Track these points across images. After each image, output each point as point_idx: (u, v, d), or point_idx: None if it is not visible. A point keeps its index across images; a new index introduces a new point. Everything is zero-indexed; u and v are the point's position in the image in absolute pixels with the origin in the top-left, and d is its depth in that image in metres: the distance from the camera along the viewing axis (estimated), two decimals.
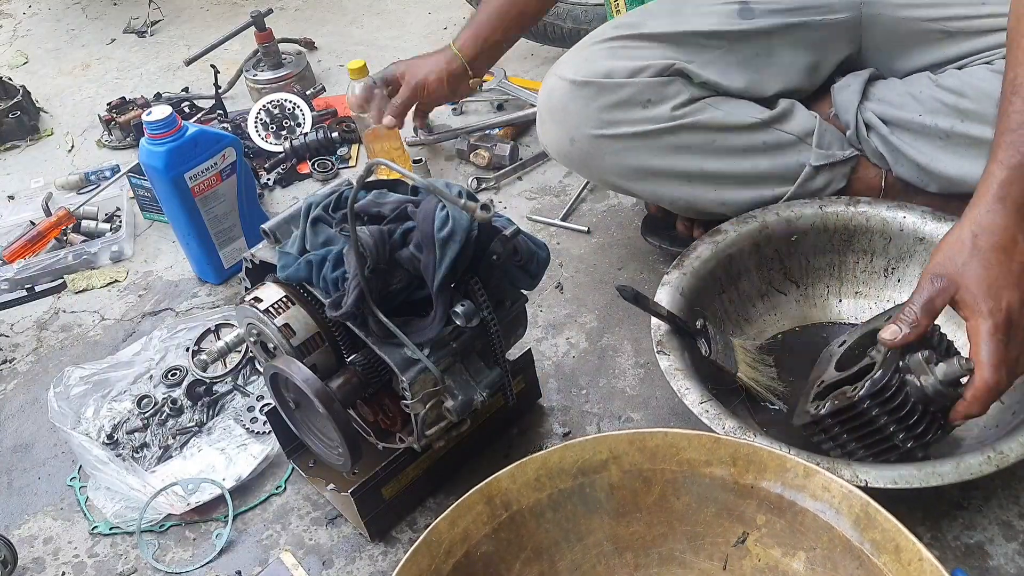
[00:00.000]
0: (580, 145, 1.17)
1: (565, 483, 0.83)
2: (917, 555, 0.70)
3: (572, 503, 0.83)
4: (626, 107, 1.14)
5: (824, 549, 0.78)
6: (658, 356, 0.98)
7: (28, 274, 1.48)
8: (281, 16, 2.27)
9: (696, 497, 0.83)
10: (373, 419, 0.94)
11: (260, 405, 1.16)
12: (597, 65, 1.15)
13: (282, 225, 0.93)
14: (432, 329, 0.85)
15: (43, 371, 1.33)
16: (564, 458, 0.82)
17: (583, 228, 1.41)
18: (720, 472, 0.82)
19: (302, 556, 1.00)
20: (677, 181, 1.17)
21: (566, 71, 1.16)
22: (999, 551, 0.90)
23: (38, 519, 1.10)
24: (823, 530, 0.78)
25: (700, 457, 0.82)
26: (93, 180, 1.71)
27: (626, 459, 0.83)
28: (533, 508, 0.82)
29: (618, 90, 1.14)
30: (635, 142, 1.15)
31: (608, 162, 1.17)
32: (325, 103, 1.85)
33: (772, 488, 0.80)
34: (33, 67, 2.29)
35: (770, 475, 0.80)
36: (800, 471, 0.79)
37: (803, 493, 0.79)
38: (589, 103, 1.14)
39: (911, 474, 0.83)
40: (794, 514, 0.79)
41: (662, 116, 1.14)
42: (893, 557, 0.72)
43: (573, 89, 1.15)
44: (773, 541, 0.81)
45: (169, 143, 1.26)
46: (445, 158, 1.65)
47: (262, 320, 0.88)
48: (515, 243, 0.87)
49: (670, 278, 1.07)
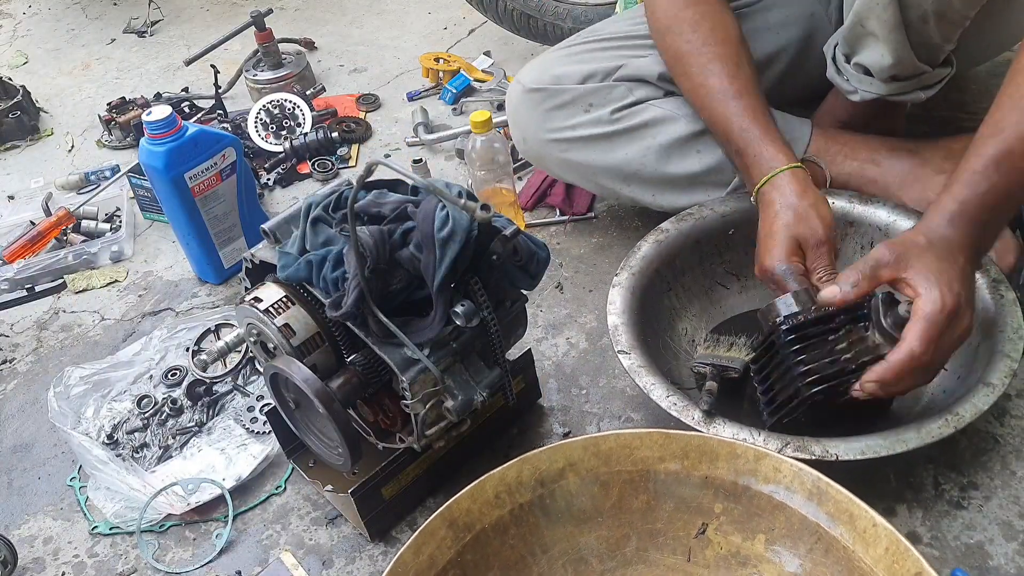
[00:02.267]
0: (531, 145, 1.27)
1: (525, 496, 0.83)
2: (871, 522, 0.73)
3: (534, 516, 0.84)
4: (569, 111, 1.22)
5: (782, 528, 0.80)
6: (620, 356, 0.99)
7: (28, 274, 1.48)
8: (281, 16, 2.27)
9: (653, 495, 0.85)
10: (373, 419, 0.94)
11: (260, 405, 1.16)
12: (551, 71, 1.24)
13: (282, 225, 0.93)
14: (432, 329, 0.85)
15: (43, 371, 1.33)
16: (522, 471, 0.83)
17: (590, 214, 1.42)
18: (674, 467, 0.84)
19: (302, 556, 1.00)
20: (619, 182, 1.23)
21: (524, 76, 1.26)
22: (999, 551, 0.90)
23: (38, 519, 1.10)
24: (778, 510, 0.80)
25: (653, 454, 0.84)
26: (93, 180, 1.71)
27: (582, 465, 0.84)
28: (496, 526, 0.82)
29: (561, 95, 1.21)
30: (577, 144, 1.22)
31: (555, 161, 1.26)
32: (325, 103, 1.85)
33: (725, 476, 0.82)
34: (33, 67, 2.29)
35: (721, 463, 0.82)
36: (750, 456, 0.81)
37: (755, 477, 0.81)
38: (536, 107, 1.23)
39: (878, 444, 0.86)
40: (749, 498, 0.81)
41: (601, 119, 1.20)
42: (849, 526, 0.75)
43: (524, 95, 1.24)
44: (732, 528, 0.83)
45: (169, 143, 1.26)
46: (445, 158, 1.65)
47: (262, 320, 0.88)
48: (515, 243, 0.87)
49: (620, 279, 1.08)
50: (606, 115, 1.20)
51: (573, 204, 1.44)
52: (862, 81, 1.14)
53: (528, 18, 1.76)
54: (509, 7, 1.75)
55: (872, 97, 1.14)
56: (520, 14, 1.76)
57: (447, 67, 1.84)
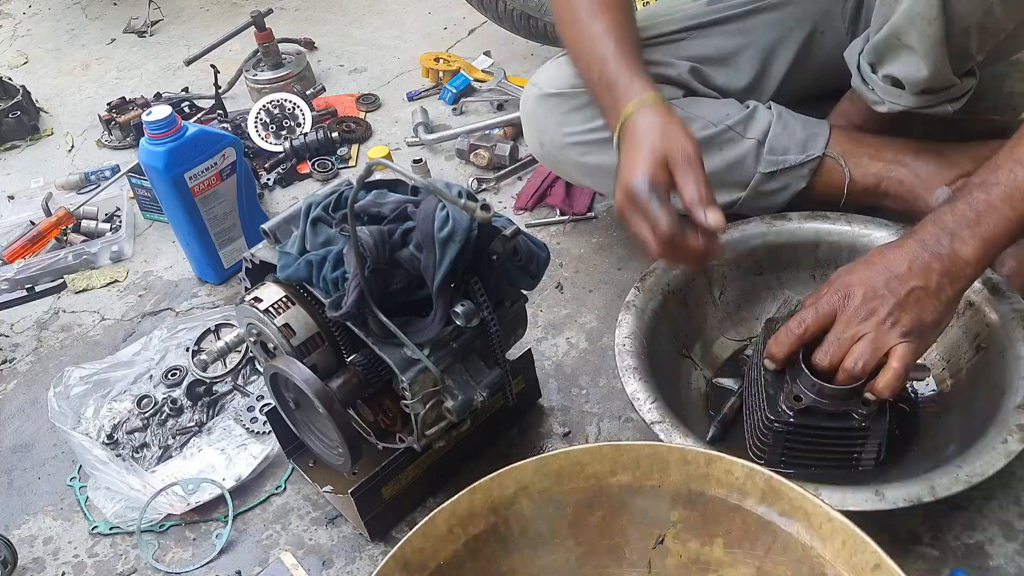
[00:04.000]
0: (548, 148, 1.26)
1: (478, 527, 0.79)
2: (826, 517, 0.72)
3: (489, 546, 0.80)
4: (587, 113, 1.20)
5: (739, 531, 0.79)
6: None
7: (28, 274, 1.48)
8: (281, 16, 2.27)
9: (608, 510, 0.82)
10: (373, 419, 0.94)
11: (260, 405, 1.16)
12: (566, 76, 1.22)
13: (282, 225, 0.93)
14: (432, 329, 0.85)
15: (43, 371, 1.33)
16: (473, 501, 0.79)
17: (590, 214, 1.42)
18: (626, 479, 0.81)
19: (302, 556, 1.00)
20: None
21: (540, 80, 1.25)
22: (999, 551, 0.90)
23: (38, 519, 1.10)
24: (734, 512, 0.78)
25: (604, 468, 0.81)
26: (93, 180, 1.71)
27: (534, 487, 0.81)
28: (451, 561, 0.78)
29: (579, 97, 1.20)
30: (595, 147, 1.21)
31: (574, 165, 1.25)
32: (325, 103, 1.85)
33: (679, 483, 0.80)
34: (33, 67, 2.29)
35: (673, 471, 0.80)
36: (701, 460, 0.79)
37: (708, 481, 0.79)
38: (554, 111, 1.23)
39: None
40: (704, 503, 0.80)
41: None
42: (804, 523, 0.74)
43: (541, 99, 1.24)
44: (690, 535, 0.81)
45: (169, 143, 1.26)
46: (445, 158, 1.65)
47: (262, 320, 0.88)
48: (515, 243, 0.87)
49: (634, 300, 1.06)
50: None
51: (573, 204, 1.44)
52: (890, 93, 1.11)
53: (528, 18, 1.76)
54: (509, 7, 1.75)
55: (900, 109, 1.11)
56: (520, 14, 1.76)
57: (447, 67, 1.84)
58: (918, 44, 1.02)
